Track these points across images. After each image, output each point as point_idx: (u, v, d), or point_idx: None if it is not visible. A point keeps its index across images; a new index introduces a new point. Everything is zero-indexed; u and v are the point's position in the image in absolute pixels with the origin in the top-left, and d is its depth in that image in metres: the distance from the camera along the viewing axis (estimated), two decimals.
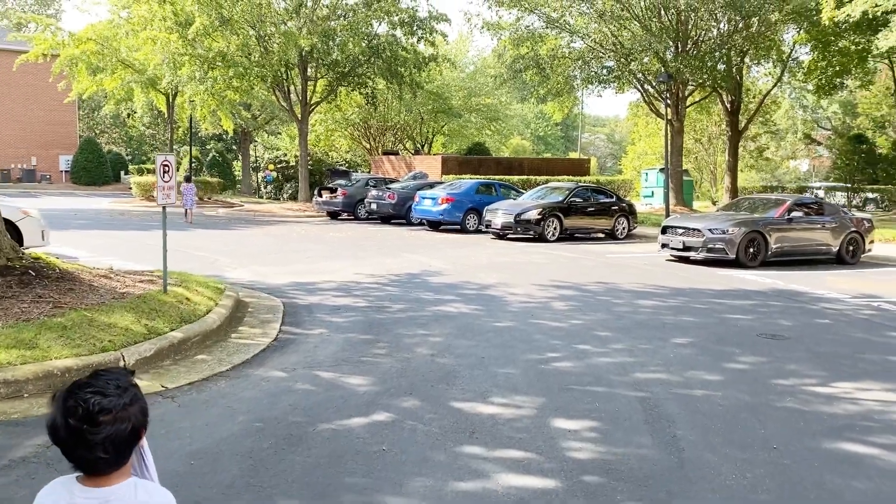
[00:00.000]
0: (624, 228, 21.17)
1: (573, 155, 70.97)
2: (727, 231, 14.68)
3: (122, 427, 1.68)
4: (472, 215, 21.98)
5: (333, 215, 26.59)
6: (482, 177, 29.37)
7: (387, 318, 8.53)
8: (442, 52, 31.83)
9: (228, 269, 12.32)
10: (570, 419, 5.23)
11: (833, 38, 28.81)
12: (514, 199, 21.83)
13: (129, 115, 55.71)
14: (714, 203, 40.93)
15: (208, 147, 54.56)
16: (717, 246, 14.65)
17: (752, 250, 14.77)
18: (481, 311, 9.13)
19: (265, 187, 49.09)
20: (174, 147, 43.42)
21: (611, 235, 20.93)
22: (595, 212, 20.77)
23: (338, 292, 10.30)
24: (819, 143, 53.78)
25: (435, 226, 22.71)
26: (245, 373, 6.19)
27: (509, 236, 19.87)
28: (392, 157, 37.64)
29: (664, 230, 15.93)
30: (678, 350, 7.37)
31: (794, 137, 52.98)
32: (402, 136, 45.41)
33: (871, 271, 14.59)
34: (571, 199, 20.24)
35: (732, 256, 14.59)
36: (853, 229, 15.91)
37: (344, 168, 40.90)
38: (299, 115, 30.50)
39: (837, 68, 31.30)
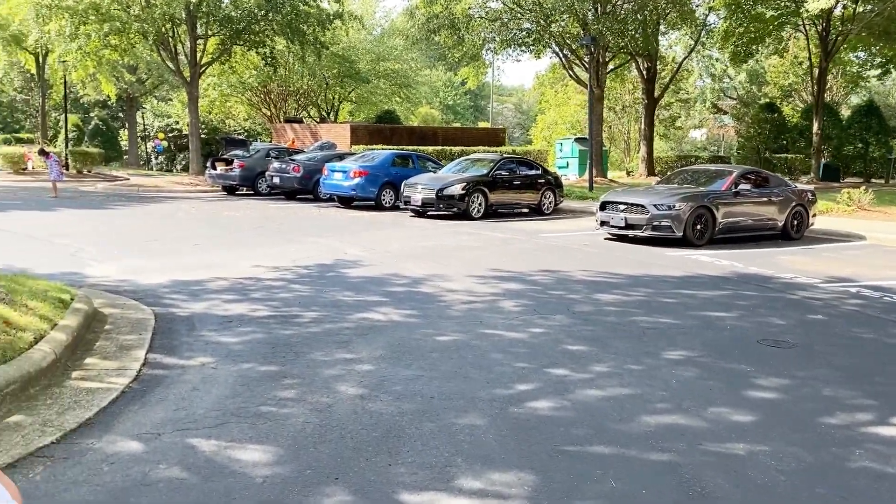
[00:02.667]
0: (551, 203, 19.67)
1: (483, 124, 69.57)
2: (674, 207, 13.32)
3: None
4: (388, 190, 19.91)
5: (230, 190, 23.88)
6: (396, 147, 27.26)
7: (296, 335, 6.50)
8: (347, 9, 29.23)
9: (91, 264, 9.87)
10: None
11: (751, 3, 28.19)
12: (434, 172, 19.92)
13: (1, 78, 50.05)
14: (629, 174, 40.38)
15: (91, 115, 49.72)
16: (663, 223, 13.27)
17: (699, 227, 13.49)
18: (417, 318, 7.23)
19: (155, 158, 45.11)
20: (50, 114, 38.89)
21: (537, 211, 19.38)
22: (521, 186, 19.12)
23: (231, 295, 8.14)
24: (725, 113, 54.43)
25: (347, 202, 20.52)
26: (80, 446, 4.07)
27: (430, 213, 17.99)
28: (296, 126, 34.86)
29: (603, 206, 14.44)
30: (677, 371, 5.73)
31: (702, 106, 53.32)
32: (307, 103, 42.51)
33: (820, 248, 13.60)
34: (497, 173, 18.50)
35: (680, 234, 13.26)
36: (796, 202, 14.91)
37: (241, 137, 37.73)
38: (188, 78, 27.32)
39: (753, 35, 30.86)
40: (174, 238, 12.74)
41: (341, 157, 22.58)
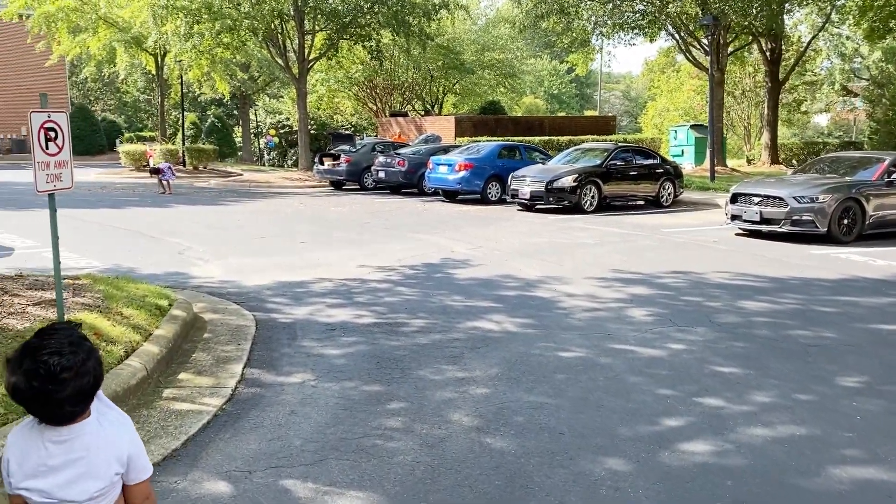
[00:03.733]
0: (670, 195, 18.36)
1: (589, 113, 67.60)
2: (817, 199, 11.88)
3: (85, 381, 1.76)
4: (494, 183, 19.18)
5: (337, 185, 23.84)
6: (502, 138, 26.47)
7: (402, 347, 5.89)
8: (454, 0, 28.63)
9: (198, 263, 9.69)
10: None
11: None
12: (543, 163, 19.01)
13: (122, 79, 52.89)
14: (749, 162, 37.85)
15: (208, 113, 51.63)
16: (804, 218, 11.86)
17: (846, 222, 11.99)
18: (535, 329, 6.47)
19: (268, 154, 46.39)
20: (170, 113, 40.56)
21: (654, 203, 18.13)
22: (637, 176, 17.92)
23: (335, 298, 7.65)
24: (856, 95, 50.20)
25: (451, 196, 19.95)
26: (163, 486, 3.57)
27: (539, 207, 17.13)
28: (401, 119, 34.68)
29: (734, 198, 13.13)
30: (859, 404, 4.70)
31: (829, 89, 49.41)
32: (411, 96, 42.33)
33: None
34: (611, 163, 17.39)
35: (824, 230, 11.82)
36: None
37: (348, 132, 38.00)
38: (297, 74, 27.54)
39: (894, 8, 27.97)
40: (281, 235, 12.52)
41: (446, 149, 22.05)
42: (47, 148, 4.51)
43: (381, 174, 21.94)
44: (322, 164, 23.76)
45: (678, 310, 7.23)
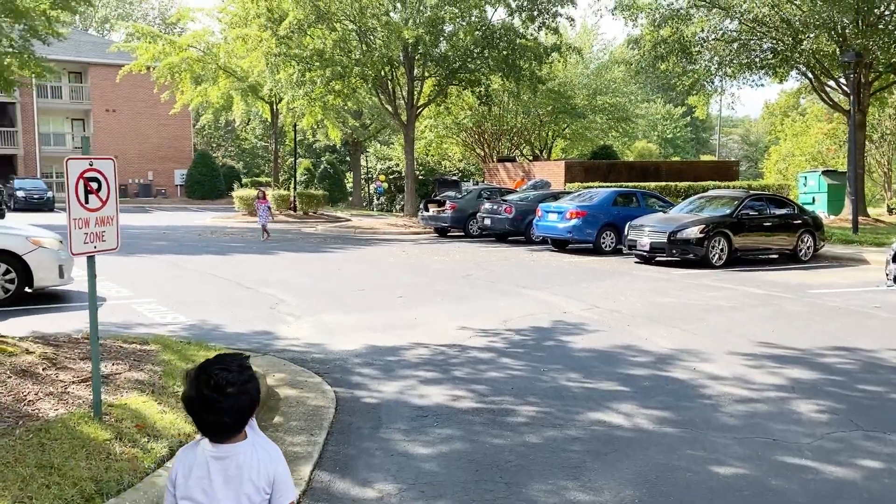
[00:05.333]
0: (809, 248, 16.40)
1: (706, 157, 64.64)
2: None
3: (244, 399, 2.03)
4: (608, 232, 17.82)
5: (441, 232, 23.11)
6: (616, 184, 25.04)
7: (508, 448, 4.74)
8: (565, 42, 27.74)
9: (288, 320, 8.94)
10: None
11: None
12: (663, 211, 17.50)
13: (239, 125, 55.17)
14: (891, 211, 34.43)
15: (322, 159, 52.88)
16: None
17: None
18: (675, 427, 5.16)
19: (377, 199, 46.77)
20: (286, 159, 41.58)
21: (792, 257, 16.22)
22: (772, 227, 16.12)
23: (430, 370, 6.61)
24: None
25: (561, 245, 18.72)
26: None
27: (659, 259, 15.64)
28: (508, 165, 33.86)
29: None
30: None
31: None
32: (519, 141, 41.56)
33: None
34: (742, 212, 15.71)
35: None
36: None
37: (454, 178, 37.56)
38: (405, 120, 27.30)
39: None
40: (379, 287, 11.70)
41: (556, 196, 20.92)
42: (87, 202, 3.76)
43: (487, 221, 21.03)
44: (427, 210, 23.16)
45: (858, 405, 5.71)
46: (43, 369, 4.78)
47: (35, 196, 34.56)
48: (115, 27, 68.72)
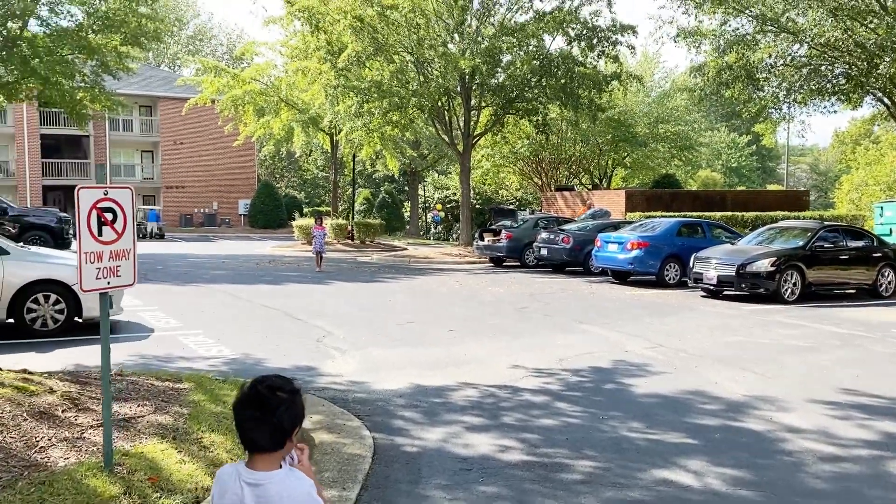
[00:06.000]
0: (890, 283, 15.35)
1: (773, 187, 62.51)
2: None
3: (289, 414, 2.11)
4: (672, 264, 17.07)
5: (497, 261, 22.64)
6: (679, 214, 24.18)
7: None
8: (625, 69, 27.17)
9: (333, 355, 8.60)
10: None
11: None
12: (731, 242, 16.66)
13: (299, 156, 56.11)
14: None
15: (381, 189, 53.27)
16: None
17: None
18: (754, 492, 4.54)
19: (434, 228, 46.72)
20: (346, 189, 41.92)
21: (871, 293, 15.18)
22: (849, 261, 15.12)
23: (477, 415, 6.13)
24: None
25: (622, 277, 18.01)
26: None
27: (727, 293, 14.82)
28: (566, 193, 33.25)
29: None
30: None
31: None
32: (578, 170, 40.91)
33: None
34: (816, 244, 14.78)
35: None
36: None
37: (510, 207, 37.07)
38: (461, 149, 27.08)
39: None
40: (429, 320, 11.29)
41: (616, 226, 20.24)
42: (100, 234, 3.48)
43: (544, 251, 20.48)
44: (482, 239, 22.76)
45: None
46: (63, 411, 4.52)
47: None
48: (185, 63, 71.32)
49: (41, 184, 43.70)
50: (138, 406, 4.84)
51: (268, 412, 2.08)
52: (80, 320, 9.40)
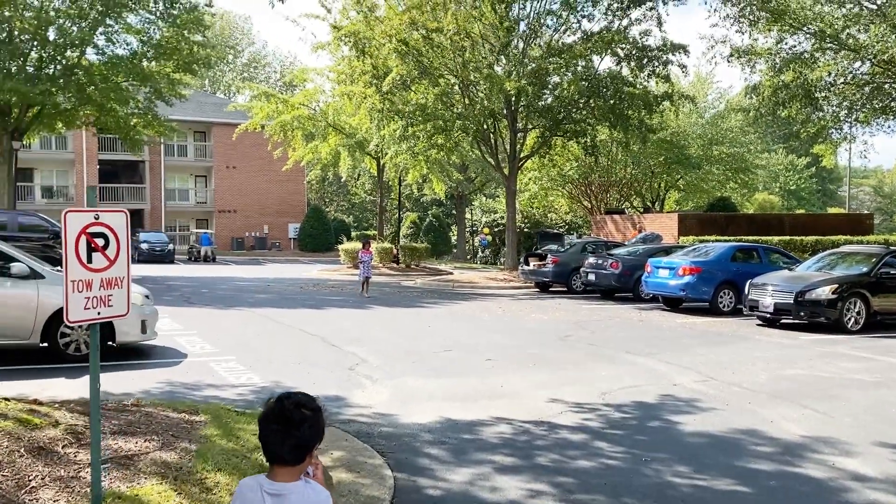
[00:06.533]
0: None
1: (833, 210, 60.33)
2: None
3: (313, 429, 2.27)
4: (726, 291, 16.35)
5: (542, 287, 22.13)
6: (735, 239, 23.32)
7: None
8: (677, 89, 26.51)
9: (364, 384, 8.29)
10: None
11: None
12: (789, 269, 15.85)
13: (345, 180, 56.55)
14: None
15: (428, 212, 53.29)
16: None
17: None
18: None
19: (481, 252, 46.39)
20: (394, 213, 41.98)
21: None
22: None
23: (509, 455, 5.72)
24: None
25: (673, 304, 17.33)
26: None
27: (784, 322, 14.05)
28: (616, 217, 32.55)
29: None
30: None
31: None
32: (629, 193, 40.11)
33: None
34: (881, 270, 13.92)
35: None
36: None
37: (556, 231, 36.48)
38: (507, 172, 26.74)
39: None
40: (467, 348, 10.91)
41: (667, 250, 19.58)
42: (89, 261, 3.24)
43: (591, 276, 19.91)
44: (528, 264, 22.31)
45: None
46: (63, 446, 4.29)
47: (157, 248, 36.32)
48: (240, 90, 73.10)
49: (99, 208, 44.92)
50: (145, 441, 4.60)
51: (292, 427, 2.21)
52: (114, 345, 9.31)
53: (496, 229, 42.84)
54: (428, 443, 6.01)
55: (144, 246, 36.05)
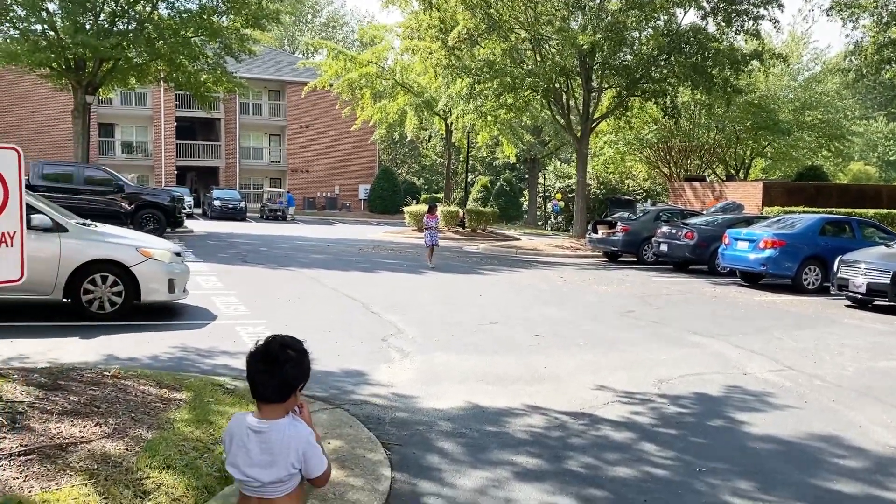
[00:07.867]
0: None
1: None
2: None
3: (297, 369, 2.36)
4: (812, 267, 14.86)
5: (611, 256, 20.91)
6: (824, 210, 21.42)
7: None
8: (768, 48, 24.38)
9: (393, 359, 7.56)
10: None
11: None
12: (886, 245, 14.21)
13: (424, 143, 55.83)
14: None
15: (501, 176, 52.12)
16: None
17: None
18: None
19: (553, 218, 45.08)
20: (464, 176, 41.10)
21: None
22: None
23: (533, 455, 4.87)
24: None
25: (752, 279, 15.94)
26: None
27: (878, 304, 12.57)
28: (696, 184, 30.69)
29: None
30: None
31: None
32: (711, 160, 37.87)
33: None
34: None
35: None
36: None
37: (628, 197, 34.78)
38: (578, 134, 25.36)
39: None
40: (516, 321, 10.04)
41: (748, 221, 18.06)
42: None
43: (664, 247, 18.60)
44: (595, 231, 21.09)
45: None
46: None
47: (230, 206, 36.57)
48: (316, 49, 73.02)
49: (175, 164, 45.77)
50: (96, 425, 3.98)
51: (276, 366, 2.30)
52: (140, 303, 8.89)
53: (569, 195, 41.41)
54: (444, 434, 5.22)
55: (217, 203, 36.37)
